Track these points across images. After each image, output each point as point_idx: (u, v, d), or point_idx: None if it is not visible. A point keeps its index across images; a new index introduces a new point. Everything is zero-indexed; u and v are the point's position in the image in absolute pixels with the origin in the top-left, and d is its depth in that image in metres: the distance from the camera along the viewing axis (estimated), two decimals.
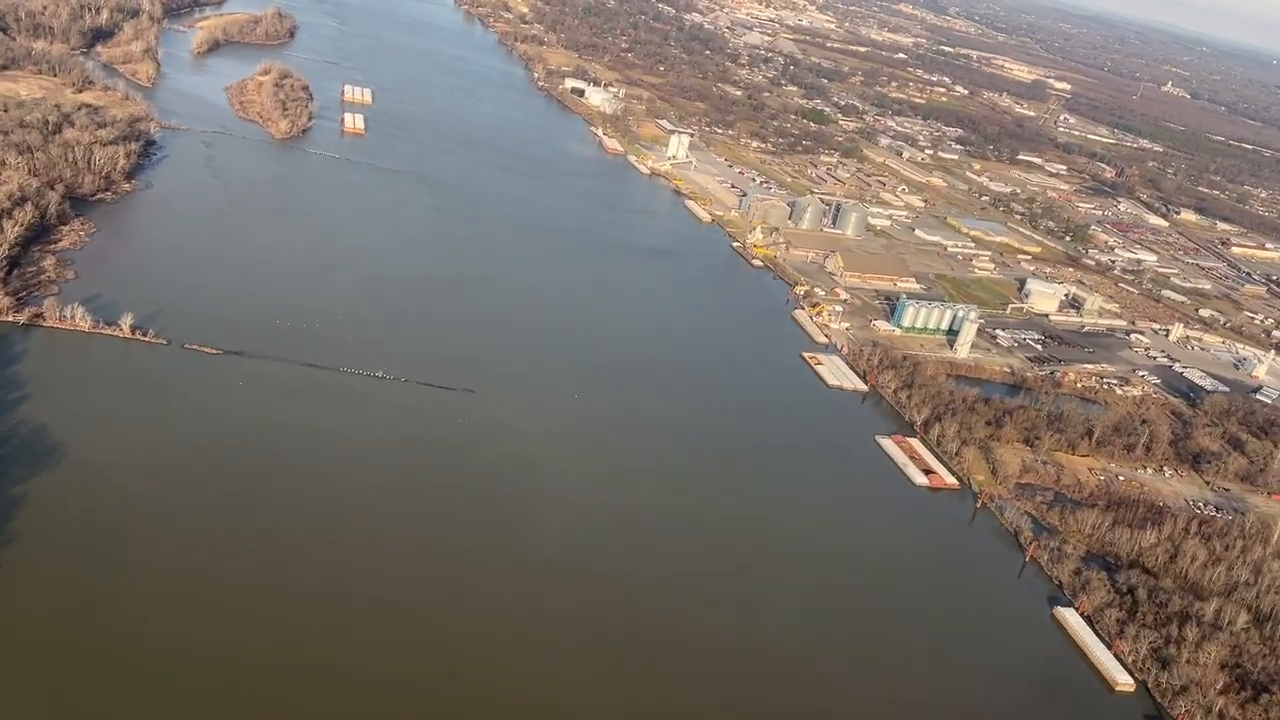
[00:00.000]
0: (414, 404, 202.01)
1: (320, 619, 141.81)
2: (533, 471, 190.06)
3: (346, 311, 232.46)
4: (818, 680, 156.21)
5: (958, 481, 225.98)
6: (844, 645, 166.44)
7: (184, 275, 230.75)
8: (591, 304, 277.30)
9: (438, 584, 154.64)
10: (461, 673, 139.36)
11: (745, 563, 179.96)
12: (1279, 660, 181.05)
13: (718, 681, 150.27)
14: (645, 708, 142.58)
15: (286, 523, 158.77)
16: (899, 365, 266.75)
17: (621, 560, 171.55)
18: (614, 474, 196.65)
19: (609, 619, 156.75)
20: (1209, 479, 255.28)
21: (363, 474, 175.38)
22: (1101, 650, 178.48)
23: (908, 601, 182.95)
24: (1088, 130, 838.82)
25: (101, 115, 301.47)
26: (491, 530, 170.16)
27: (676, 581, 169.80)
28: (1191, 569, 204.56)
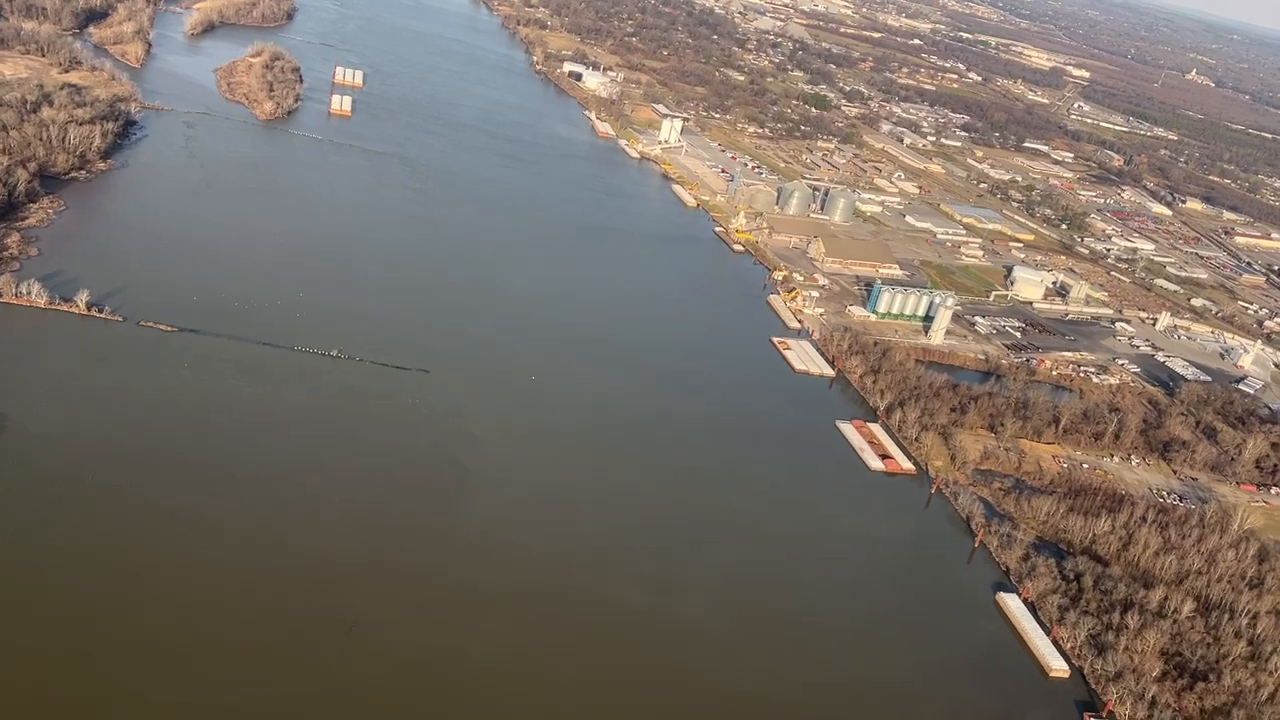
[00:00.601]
0: (365, 383, 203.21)
1: (247, 589, 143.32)
2: (476, 449, 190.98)
3: (310, 291, 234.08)
4: (740, 659, 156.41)
5: (914, 467, 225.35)
6: (773, 625, 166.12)
7: (148, 254, 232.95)
8: (562, 287, 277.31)
9: (365, 556, 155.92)
10: (379, 640, 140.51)
11: (682, 542, 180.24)
12: (1221, 649, 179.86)
13: (638, 658, 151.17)
14: (560, 681, 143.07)
15: (220, 498, 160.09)
16: (866, 351, 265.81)
17: (553, 536, 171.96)
18: (559, 453, 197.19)
19: (532, 594, 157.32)
20: (1176, 468, 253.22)
21: (302, 451, 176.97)
22: (1040, 636, 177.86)
23: (848, 584, 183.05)
24: (1101, 118, 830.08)
25: (84, 95, 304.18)
26: (426, 506, 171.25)
27: (607, 559, 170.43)
28: (1144, 557, 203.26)
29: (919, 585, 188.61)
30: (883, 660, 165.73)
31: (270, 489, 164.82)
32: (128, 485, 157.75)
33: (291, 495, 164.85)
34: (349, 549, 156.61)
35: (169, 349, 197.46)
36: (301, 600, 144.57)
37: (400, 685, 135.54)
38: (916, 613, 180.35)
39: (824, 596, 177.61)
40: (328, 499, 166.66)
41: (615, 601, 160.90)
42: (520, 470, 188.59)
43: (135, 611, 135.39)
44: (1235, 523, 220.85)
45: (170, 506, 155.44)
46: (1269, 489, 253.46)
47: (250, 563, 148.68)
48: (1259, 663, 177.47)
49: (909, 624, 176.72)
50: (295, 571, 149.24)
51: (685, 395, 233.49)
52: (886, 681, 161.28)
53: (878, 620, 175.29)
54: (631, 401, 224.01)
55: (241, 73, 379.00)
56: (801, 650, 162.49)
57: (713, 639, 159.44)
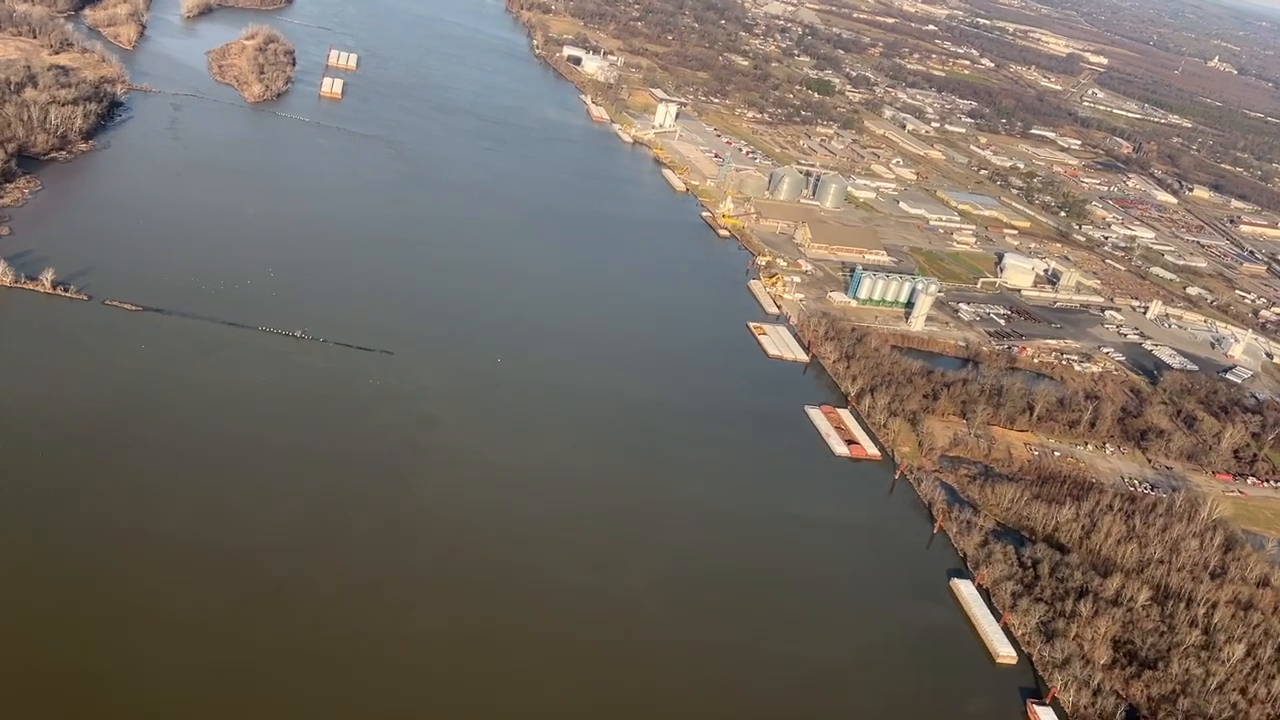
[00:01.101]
0: (326, 364, 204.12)
1: (185, 564, 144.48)
2: (431, 431, 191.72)
3: (281, 273, 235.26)
4: (678, 640, 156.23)
5: (880, 453, 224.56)
6: (716, 607, 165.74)
7: (120, 234, 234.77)
8: (540, 270, 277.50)
9: (307, 534, 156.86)
10: (316, 616, 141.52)
11: (632, 524, 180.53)
12: (1174, 637, 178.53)
13: (575, 639, 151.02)
14: (496, 658, 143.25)
15: (164, 476, 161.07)
16: (840, 337, 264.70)
17: (502, 517, 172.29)
18: (517, 435, 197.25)
19: (473, 573, 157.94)
20: (1152, 457, 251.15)
21: (252, 431, 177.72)
22: (990, 622, 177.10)
23: (798, 568, 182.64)
24: (1115, 105, 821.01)
25: (71, 77, 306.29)
26: (374, 486, 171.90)
27: (553, 539, 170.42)
28: (1105, 545, 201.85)
29: (872, 570, 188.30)
30: (826, 643, 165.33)
31: (216, 469, 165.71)
32: (72, 462, 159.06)
33: (236, 474, 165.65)
34: (290, 527, 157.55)
35: (131, 328, 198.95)
36: (239, 576, 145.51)
37: (335, 659, 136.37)
38: (867, 597, 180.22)
39: (772, 579, 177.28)
40: (273, 478, 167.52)
41: (556, 581, 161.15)
42: (475, 451, 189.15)
43: (71, 586, 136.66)
44: (1203, 512, 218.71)
45: (113, 484, 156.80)
46: (1245, 479, 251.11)
47: (189, 539, 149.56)
48: (1211, 652, 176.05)
49: (858, 608, 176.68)
50: (234, 548, 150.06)
51: (653, 379, 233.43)
52: (828, 664, 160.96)
53: (826, 604, 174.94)
54: (597, 385, 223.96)
55: (234, 55, 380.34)
56: (742, 632, 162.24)
57: (651, 619, 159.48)
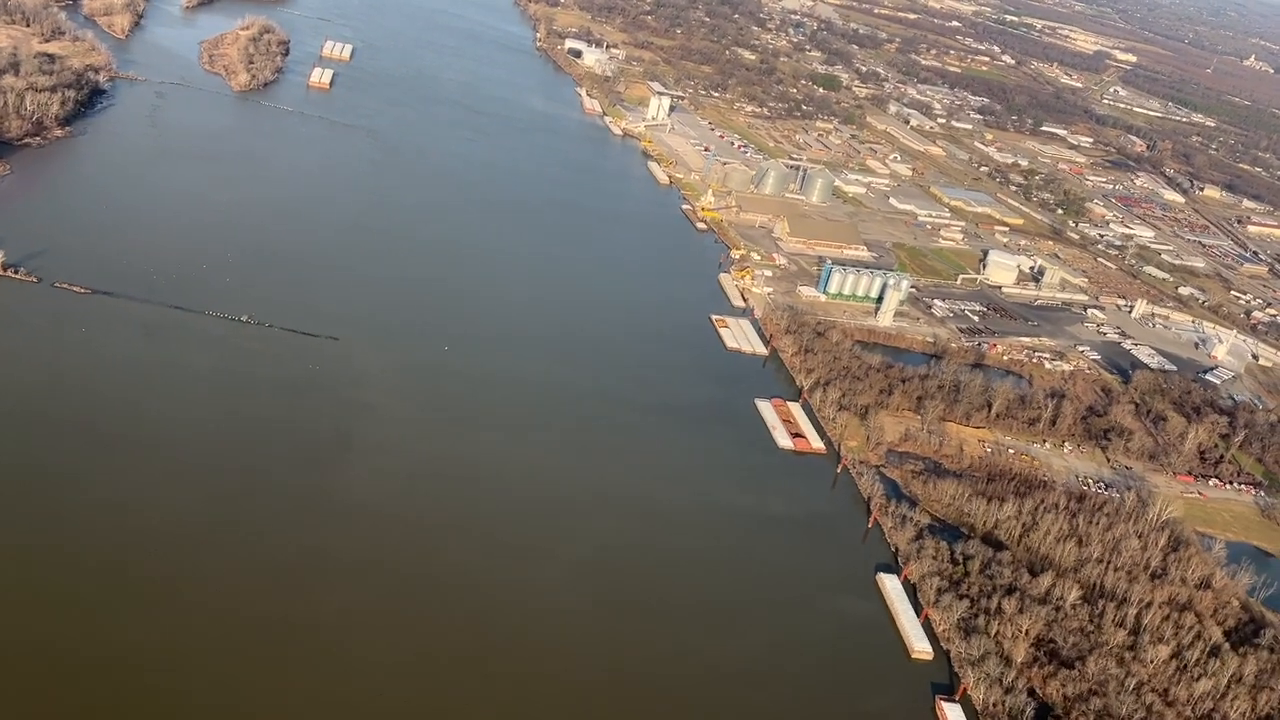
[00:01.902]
0: (269, 348, 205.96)
1: (90, 545, 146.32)
2: (365, 418, 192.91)
3: (239, 258, 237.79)
4: (588, 632, 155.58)
5: (825, 446, 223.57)
6: (632, 600, 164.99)
7: (82, 218, 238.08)
8: (506, 260, 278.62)
9: (220, 518, 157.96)
10: (218, 602, 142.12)
11: (557, 516, 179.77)
12: (1100, 637, 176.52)
13: (482, 631, 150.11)
14: (401, 648, 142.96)
15: (83, 458, 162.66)
16: (799, 330, 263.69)
17: (422, 507, 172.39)
18: (449, 423, 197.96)
19: (386, 563, 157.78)
20: (1112, 456, 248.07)
21: (181, 414, 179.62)
22: (911, 618, 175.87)
23: (724, 560, 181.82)
24: (1137, 103, 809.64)
25: (57, 64, 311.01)
26: (296, 472, 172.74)
27: (472, 530, 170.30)
28: (1044, 543, 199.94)
29: (799, 563, 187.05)
30: (741, 636, 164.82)
31: (138, 450, 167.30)
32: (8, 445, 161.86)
33: (157, 457, 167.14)
34: (204, 510, 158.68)
35: (77, 310, 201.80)
36: (143, 558, 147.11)
37: (236, 647, 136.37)
38: (790, 590, 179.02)
39: (694, 571, 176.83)
40: (194, 461, 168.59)
41: (470, 573, 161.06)
42: (406, 440, 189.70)
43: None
44: (1152, 512, 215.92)
45: (30, 464, 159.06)
46: (1207, 480, 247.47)
47: (98, 520, 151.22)
48: (1135, 653, 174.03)
49: (779, 601, 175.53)
50: (141, 530, 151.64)
51: (604, 370, 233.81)
52: (739, 657, 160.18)
53: (746, 596, 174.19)
54: (543, 375, 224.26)
55: (226, 45, 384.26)
56: (654, 624, 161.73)
57: (562, 611, 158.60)
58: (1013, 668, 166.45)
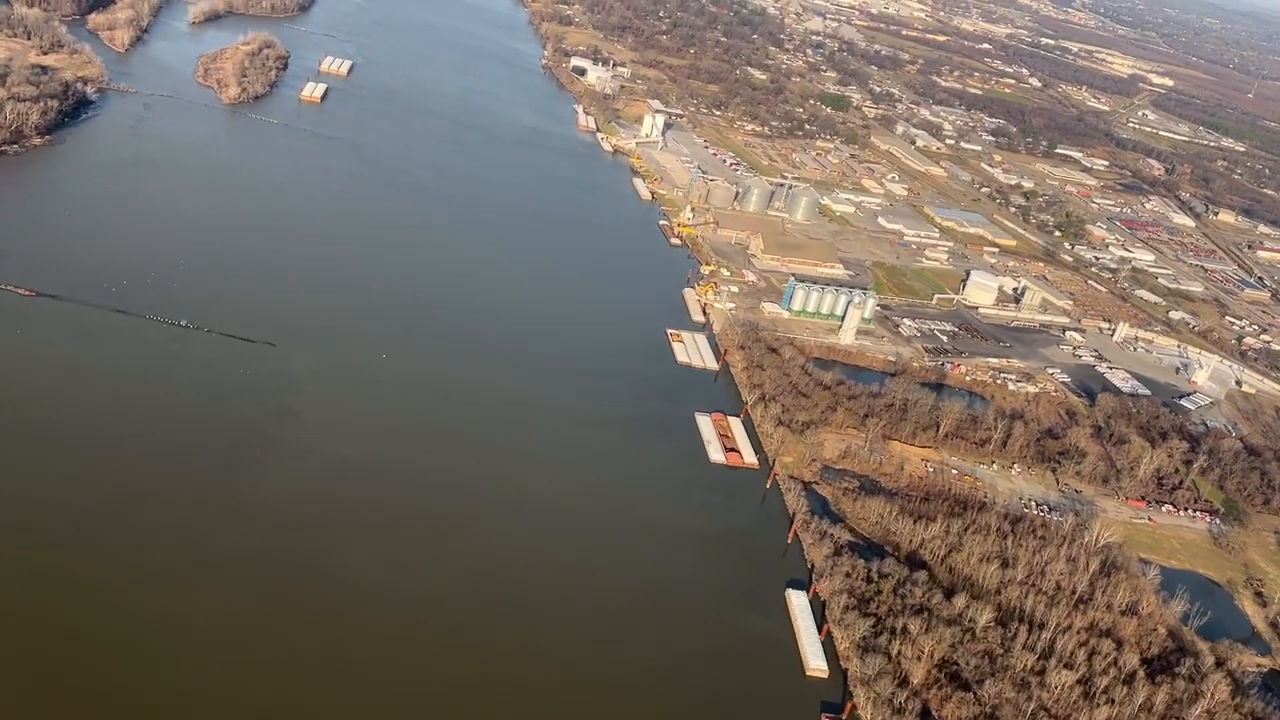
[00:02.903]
0: (203, 353, 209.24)
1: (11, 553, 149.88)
2: (289, 423, 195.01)
3: (193, 265, 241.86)
4: (467, 641, 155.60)
5: (758, 462, 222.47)
6: (518, 616, 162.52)
7: (42, 223, 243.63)
8: (469, 272, 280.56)
9: (113, 519, 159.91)
10: (94, 606, 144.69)
11: (462, 527, 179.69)
12: (1007, 660, 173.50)
13: (349, 639, 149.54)
14: (257, 649, 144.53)
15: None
16: (750, 346, 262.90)
17: (327, 512, 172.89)
18: (374, 431, 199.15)
19: (272, 567, 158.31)
20: (1064, 479, 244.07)
21: (109, 417, 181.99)
22: (812, 635, 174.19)
23: (630, 575, 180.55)
24: (1165, 127, 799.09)
25: (49, 75, 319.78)
26: (205, 476, 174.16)
27: (367, 537, 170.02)
28: (968, 564, 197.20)
29: (711, 578, 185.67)
30: (637, 650, 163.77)
31: (39, 448, 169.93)
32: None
33: (59, 456, 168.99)
34: (96, 510, 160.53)
35: (18, 311, 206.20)
36: (17, 555, 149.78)
37: (99, 651, 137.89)
38: (694, 606, 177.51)
39: (600, 586, 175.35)
40: (95, 462, 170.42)
41: (357, 580, 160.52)
42: (327, 445, 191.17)
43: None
44: (1088, 536, 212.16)
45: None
46: (1160, 506, 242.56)
47: (18, 531, 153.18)
48: (1040, 678, 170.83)
49: (682, 615, 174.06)
50: (30, 526, 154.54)
51: (548, 383, 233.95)
52: (632, 671, 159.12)
53: (650, 610, 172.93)
54: (485, 387, 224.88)
55: (224, 60, 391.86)
56: (540, 639, 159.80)
57: (441, 624, 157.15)
58: (907, 688, 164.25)
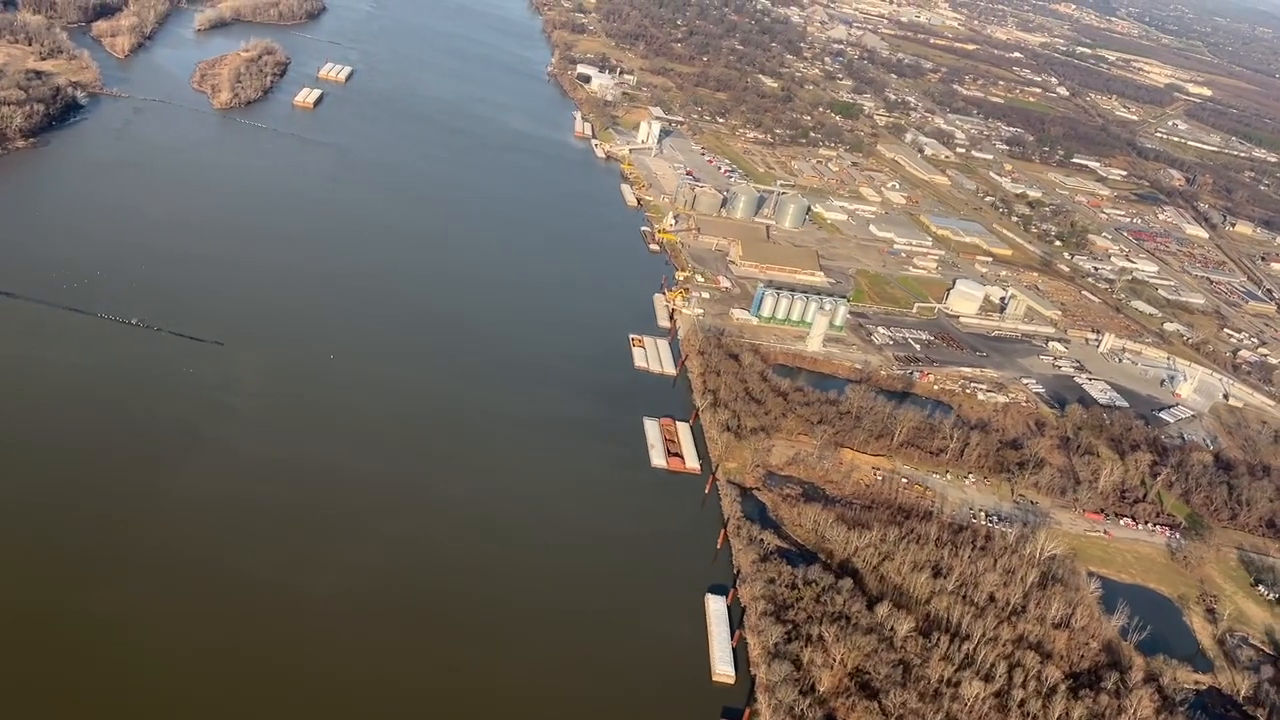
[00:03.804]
0: (149, 351, 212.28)
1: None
2: (222, 421, 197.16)
3: (154, 266, 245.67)
4: (356, 641, 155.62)
5: (699, 467, 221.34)
6: (428, 614, 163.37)
7: (10, 223, 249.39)
8: (437, 275, 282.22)
9: (51, 512, 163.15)
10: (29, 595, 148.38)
11: (382, 526, 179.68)
12: (922, 670, 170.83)
13: (255, 634, 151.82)
14: (159, 641, 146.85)
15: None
16: (708, 351, 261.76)
17: (242, 508, 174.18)
18: (308, 431, 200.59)
19: (181, 562, 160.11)
20: (1018, 489, 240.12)
21: (44, 411, 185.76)
22: (724, 640, 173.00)
23: (559, 577, 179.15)
24: (1196, 137, 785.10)
25: (43, 80, 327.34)
26: (128, 470, 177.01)
27: (281, 536, 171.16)
28: (899, 573, 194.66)
29: (635, 582, 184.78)
30: (544, 654, 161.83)
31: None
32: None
33: (19, 458, 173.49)
34: (21, 499, 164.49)
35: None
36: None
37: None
38: (613, 609, 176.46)
39: (520, 588, 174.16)
40: (22, 455, 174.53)
41: (251, 576, 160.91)
42: (253, 443, 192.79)
43: None
44: (1030, 548, 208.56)
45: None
46: (1119, 519, 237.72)
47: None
48: (952, 689, 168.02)
49: (598, 620, 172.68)
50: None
51: (498, 386, 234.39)
52: (536, 673, 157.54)
53: (567, 613, 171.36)
54: (431, 389, 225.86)
55: (222, 66, 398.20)
56: (450, 639, 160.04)
57: (350, 621, 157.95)
58: (811, 696, 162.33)
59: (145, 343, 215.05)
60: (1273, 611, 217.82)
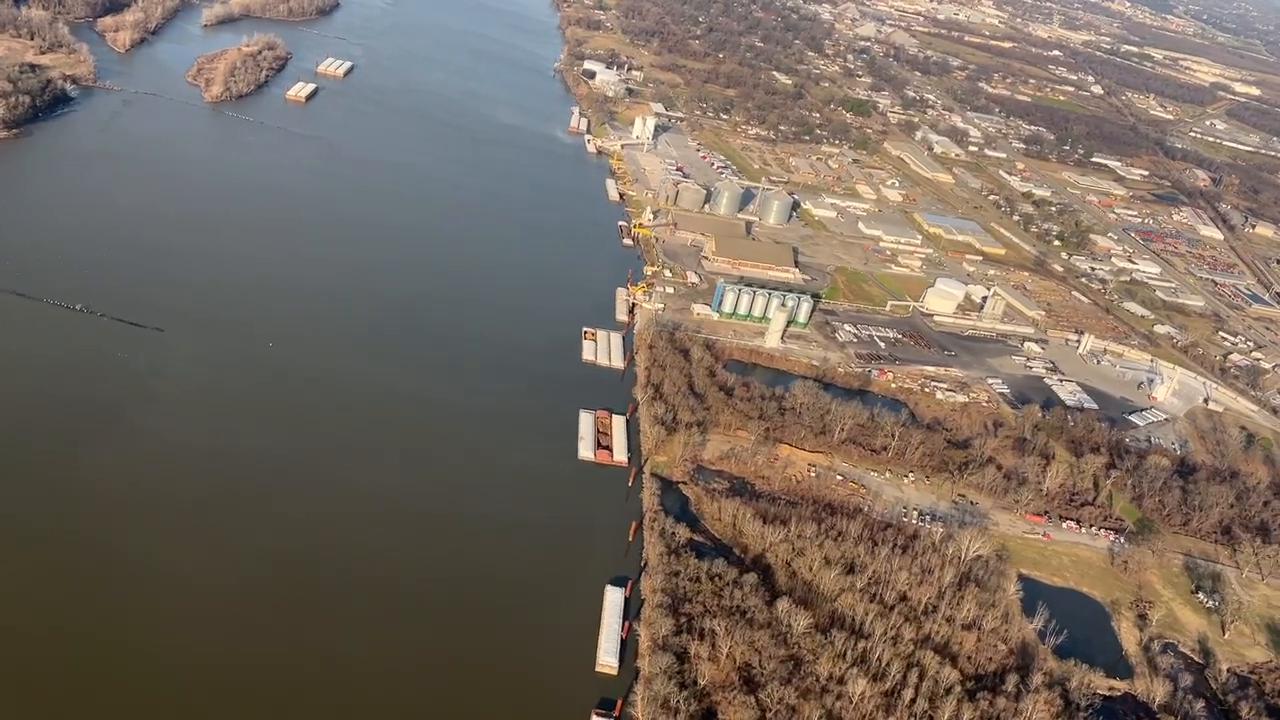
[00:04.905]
0: (86, 335, 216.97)
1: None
2: (146, 407, 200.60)
3: (112, 254, 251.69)
4: (256, 628, 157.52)
5: (627, 460, 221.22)
6: (315, 601, 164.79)
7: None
8: (399, 268, 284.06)
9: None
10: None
11: (285, 513, 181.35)
12: (811, 668, 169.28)
13: (138, 620, 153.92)
14: (57, 622, 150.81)
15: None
16: (659, 345, 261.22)
17: (151, 493, 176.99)
18: (228, 418, 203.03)
19: (79, 546, 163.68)
20: (958, 489, 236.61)
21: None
22: (613, 632, 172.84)
23: (458, 567, 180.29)
24: (1232, 136, 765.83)
25: (36, 73, 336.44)
26: (53, 455, 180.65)
27: (181, 522, 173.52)
28: (810, 569, 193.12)
29: (535, 572, 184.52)
30: (423, 643, 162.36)
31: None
32: None
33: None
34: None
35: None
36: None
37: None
38: (511, 600, 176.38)
39: (419, 575, 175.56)
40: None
41: (146, 560, 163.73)
42: (175, 429, 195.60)
43: None
44: (952, 548, 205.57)
45: None
46: (1062, 521, 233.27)
47: None
48: (839, 686, 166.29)
49: (493, 609, 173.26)
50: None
51: (440, 378, 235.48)
52: (410, 665, 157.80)
53: (463, 603, 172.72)
54: (369, 380, 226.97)
55: (220, 60, 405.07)
56: (333, 626, 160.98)
57: (214, 606, 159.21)
58: (690, 689, 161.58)
59: (85, 328, 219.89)
60: (1209, 619, 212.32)
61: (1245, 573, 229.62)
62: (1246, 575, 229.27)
